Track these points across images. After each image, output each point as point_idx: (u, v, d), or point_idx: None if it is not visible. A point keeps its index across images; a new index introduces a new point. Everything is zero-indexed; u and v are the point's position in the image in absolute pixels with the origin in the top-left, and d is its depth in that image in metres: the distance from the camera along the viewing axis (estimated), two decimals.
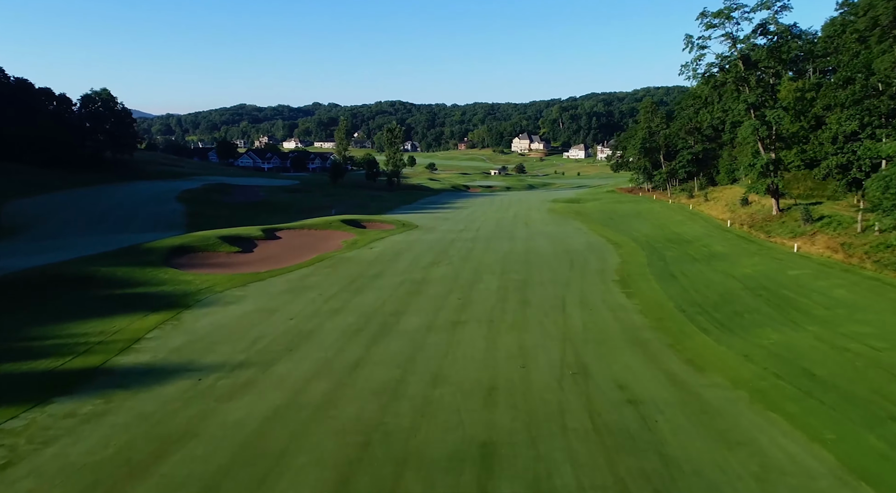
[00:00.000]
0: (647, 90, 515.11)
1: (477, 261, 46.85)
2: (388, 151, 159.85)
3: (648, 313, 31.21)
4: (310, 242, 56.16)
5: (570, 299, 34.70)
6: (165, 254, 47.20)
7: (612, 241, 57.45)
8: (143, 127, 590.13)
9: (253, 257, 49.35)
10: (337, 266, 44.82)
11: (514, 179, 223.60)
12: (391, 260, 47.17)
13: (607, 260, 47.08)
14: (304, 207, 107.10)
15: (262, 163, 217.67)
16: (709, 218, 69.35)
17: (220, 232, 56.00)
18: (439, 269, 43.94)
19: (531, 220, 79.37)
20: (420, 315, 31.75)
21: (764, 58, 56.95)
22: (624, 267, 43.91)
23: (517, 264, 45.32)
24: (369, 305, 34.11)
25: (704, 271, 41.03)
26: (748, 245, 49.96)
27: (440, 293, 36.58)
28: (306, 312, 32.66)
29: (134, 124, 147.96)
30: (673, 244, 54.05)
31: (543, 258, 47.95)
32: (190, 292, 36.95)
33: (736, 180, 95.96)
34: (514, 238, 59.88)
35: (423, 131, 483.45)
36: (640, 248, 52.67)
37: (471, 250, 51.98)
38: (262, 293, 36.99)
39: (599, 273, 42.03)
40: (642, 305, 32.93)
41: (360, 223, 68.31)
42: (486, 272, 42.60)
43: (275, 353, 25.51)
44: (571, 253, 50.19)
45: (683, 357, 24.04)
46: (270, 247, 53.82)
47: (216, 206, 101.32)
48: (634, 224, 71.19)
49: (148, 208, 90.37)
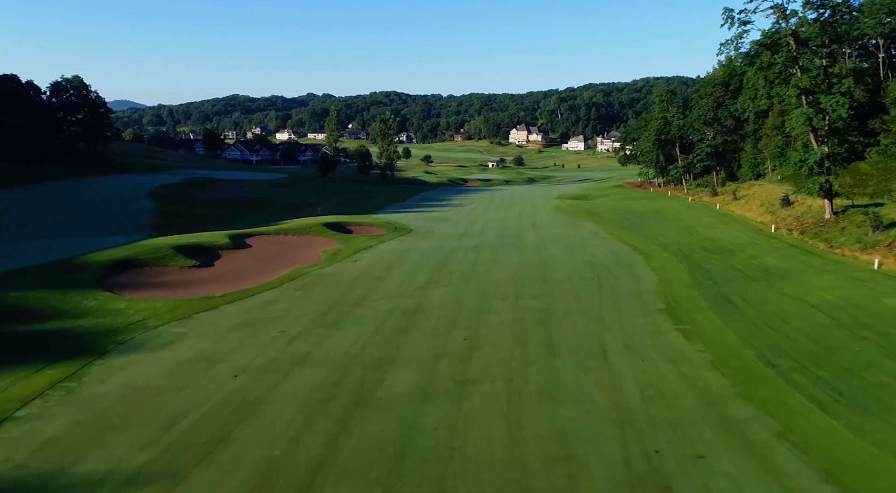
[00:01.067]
0: (647, 81, 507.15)
1: (483, 279, 38.45)
2: (381, 143, 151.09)
3: (724, 367, 22.91)
4: (284, 253, 47.64)
5: (611, 340, 26.40)
6: (102, 270, 38.69)
7: (639, 249, 49.14)
8: (133, 118, 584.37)
9: (211, 274, 40.80)
10: (311, 287, 36.34)
11: (514, 172, 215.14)
12: (378, 278, 38.73)
13: (641, 277, 38.75)
14: (289, 204, 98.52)
15: (250, 155, 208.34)
16: (743, 220, 61.10)
17: (178, 240, 47.41)
18: (437, 291, 35.52)
19: (539, 221, 70.96)
20: (412, 368, 23.42)
21: (816, 34, 48.57)
22: (665, 288, 35.60)
23: (533, 284, 36.94)
24: (345, 348, 25.76)
25: (770, 296, 32.76)
26: (808, 257, 41.72)
27: (439, 330, 28.23)
28: (260, 361, 24.28)
29: (110, 114, 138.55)
30: (712, 255, 45.78)
31: (563, 274, 39.59)
32: (115, 329, 28.49)
33: (761, 176, 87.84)
34: (523, 246, 51.47)
35: (418, 122, 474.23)
36: (675, 259, 44.39)
37: (474, 262, 43.56)
38: (210, 330, 28.56)
39: (637, 297, 33.71)
40: (710, 352, 24.62)
41: (346, 227, 59.70)
42: (495, 296, 34.22)
43: (196, 450, 17.10)
44: (596, 267, 41.84)
45: (815, 465, 15.74)
46: (236, 259, 45.26)
47: (192, 203, 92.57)
48: (657, 227, 62.88)
49: (114, 207, 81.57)
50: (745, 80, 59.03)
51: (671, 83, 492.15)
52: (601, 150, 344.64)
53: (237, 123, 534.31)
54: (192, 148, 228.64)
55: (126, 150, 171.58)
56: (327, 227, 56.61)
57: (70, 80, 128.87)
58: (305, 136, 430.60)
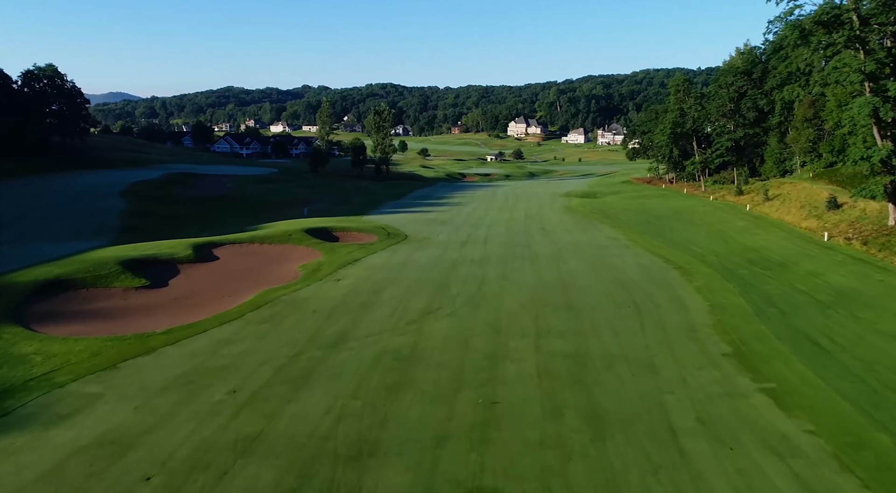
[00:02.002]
0: (647, 72, 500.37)
1: (493, 306, 31.25)
2: (375, 136, 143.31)
3: (856, 464, 15.81)
4: (255, 268, 40.31)
5: (677, 409, 19.28)
6: (25, 295, 31.37)
7: (672, 261, 41.99)
8: (126, 110, 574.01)
9: (161, 298, 33.43)
10: (280, 319, 29.09)
11: (514, 166, 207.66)
12: (365, 305, 31.50)
13: (686, 303, 31.60)
14: (275, 203, 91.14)
15: (240, 148, 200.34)
16: (782, 225, 53.98)
17: (129, 252, 40.01)
18: (437, 324, 28.32)
19: (548, 223, 63.70)
20: (403, 461, 16.32)
21: (879, 10, 41.34)
22: (722, 319, 28.49)
23: (556, 314, 29.77)
24: (313, 423, 18.62)
25: (863, 334, 25.69)
26: (885, 276, 34.66)
27: (441, 389, 21.09)
28: (189, 449, 17.12)
29: (87, 105, 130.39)
30: (762, 270, 38.68)
31: (591, 299, 32.39)
32: (6, 390, 21.27)
33: (787, 172, 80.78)
34: (535, 257, 44.22)
35: (415, 115, 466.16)
36: (720, 276, 37.25)
37: (481, 281, 36.30)
38: (133, 389, 21.34)
39: (690, 334, 26.58)
40: (824, 434, 17.47)
41: (332, 233, 52.26)
42: (511, 332, 27.04)
43: None
44: (628, 288, 34.67)
45: None
46: (196, 276, 37.88)
47: (168, 201, 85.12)
48: (683, 231, 55.75)
49: (78, 207, 74.10)
50: (787, 63, 51.77)
51: (672, 75, 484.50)
52: (602, 143, 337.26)
53: (231, 115, 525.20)
54: (181, 141, 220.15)
55: (109, 143, 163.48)
56: (310, 233, 49.22)
57: (43, 69, 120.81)
58: (300, 128, 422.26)
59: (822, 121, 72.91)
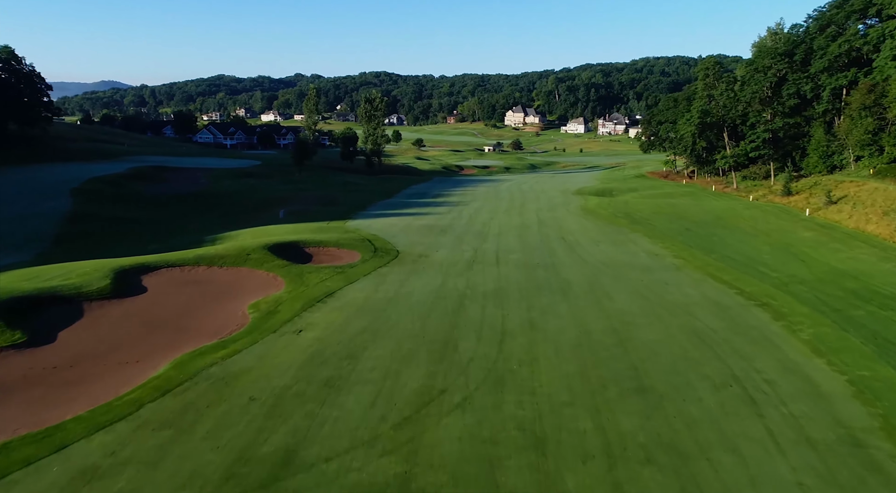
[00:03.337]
0: (647, 60, 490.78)
1: (525, 386, 20.69)
2: (366, 125, 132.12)
3: None
4: (190, 308, 29.57)
5: None
6: None
7: (746, 293, 31.55)
8: (115, 99, 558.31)
9: (32, 366, 22.69)
10: (193, 422, 18.37)
11: (513, 158, 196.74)
12: (330, 384, 20.90)
13: (812, 377, 21.15)
14: (251, 202, 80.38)
15: (224, 139, 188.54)
16: (866, 237, 43.69)
17: (18, 283, 29.14)
18: (441, 429, 17.75)
19: (569, 232, 53.05)
20: None
21: None
22: (880, 412, 18.15)
23: (625, 405, 19.23)
24: None
25: None
26: None
27: None
28: None
29: (49, 90, 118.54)
30: (881, 310, 28.34)
31: (669, 371, 21.86)
32: None
33: (836, 168, 70.41)
34: (568, 288, 33.54)
35: (409, 104, 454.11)
36: (828, 319, 26.89)
37: (501, 335, 25.62)
38: None
39: (856, 452, 16.20)
40: None
41: (304, 250, 41.39)
42: (564, 452, 16.48)
43: None
44: (712, 345, 24.19)
45: None
46: (103, 324, 27.08)
47: (125, 201, 74.15)
48: (737, 244, 45.38)
49: (14, 209, 63.17)
50: (841, 41, 41.33)
51: (672, 63, 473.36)
52: (602, 132, 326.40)
53: (221, 103, 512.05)
54: (161, 131, 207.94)
55: (79, 133, 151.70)
56: (275, 252, 38.37)
57: None
58: (291, 117, 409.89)
59: (883, 109, 62.66)
